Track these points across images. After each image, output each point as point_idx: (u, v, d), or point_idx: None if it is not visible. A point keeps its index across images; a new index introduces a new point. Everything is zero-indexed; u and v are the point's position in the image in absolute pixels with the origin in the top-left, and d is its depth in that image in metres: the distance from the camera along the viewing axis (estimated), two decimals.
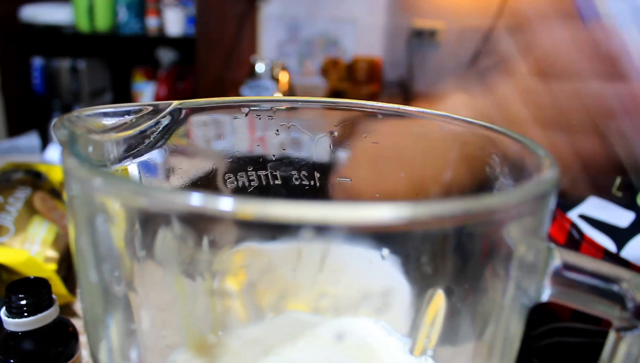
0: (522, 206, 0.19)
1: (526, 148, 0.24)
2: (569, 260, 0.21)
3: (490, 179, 0.27)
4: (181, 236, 0.19)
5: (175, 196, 0.17)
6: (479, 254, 0.21)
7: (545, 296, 0.21)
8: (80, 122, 0.25)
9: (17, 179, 0.74)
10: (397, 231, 0.17)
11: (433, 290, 0.27)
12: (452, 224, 0.18)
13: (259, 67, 2.12)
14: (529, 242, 0.20)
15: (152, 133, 0.28)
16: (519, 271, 0.21)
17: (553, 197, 0.21)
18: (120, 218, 0.20)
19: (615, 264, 0.21)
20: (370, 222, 0.16)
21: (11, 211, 0.67)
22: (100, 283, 0.22)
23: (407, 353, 0.29)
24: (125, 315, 0.23)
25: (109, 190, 0.19)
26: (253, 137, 0.33)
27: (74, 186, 0.20)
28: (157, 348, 0.27)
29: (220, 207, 0.16)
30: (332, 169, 0.34)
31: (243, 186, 0.33)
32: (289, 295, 0.21)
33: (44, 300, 0.40)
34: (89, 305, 0.23)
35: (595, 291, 0.21)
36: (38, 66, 2.25)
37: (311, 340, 0.27)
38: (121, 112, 0.27)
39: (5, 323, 0.39)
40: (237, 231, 0.17)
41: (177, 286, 0.24)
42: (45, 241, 0.66)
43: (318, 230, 0.16)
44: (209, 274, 0.20)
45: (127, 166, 0.28)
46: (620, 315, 0.21)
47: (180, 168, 0.31)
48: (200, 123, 0.31)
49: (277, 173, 0.33)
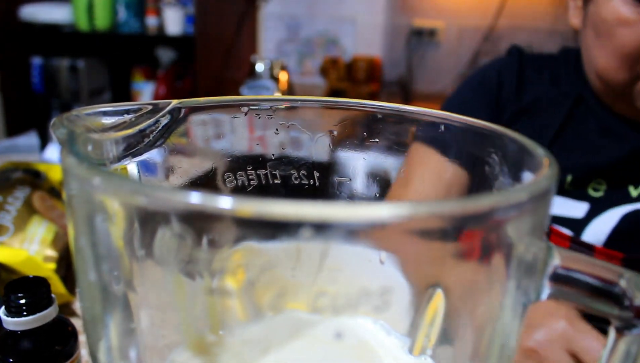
0: (521, 206, 0.19)
1: (525, 148, 0.24)
2: (568, 260, 0.21)
3: (490, 178, 0.27)
4: (180, 235, 0.19)
5: (175, 195, 0.17)
6: (478, 253, 0.21)
7: (544, 295, 0.21)
8: (80, 121, 0.25)
9: (16, 179, 0.74)
10: (396, 230, 0.17)
11: (432, 289, 0.27)
12: (451, 224, 0.18)
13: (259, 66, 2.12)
14: (528, 241, 0.20)
15: (152, 132, 0.28)
16: (518, 271, 0.21)
17: (552, 196, 0.21)
18: (119, 217, 0.19)
19: (582, 249, 0.21)
20: (369, 221, 0.16)
21: (10, 210, 0.67)
22: (99, 282, 0.22)
23: (406, 352, 0.29)
24: (125, 314, 0.23)
25: (108, 189, 0.19)
26: (252, 136, 0.33)
27: (73, 185, 0.20)
28: (157, 348, 0.27)
29: (219, 206, 0.16)
30: (331, 169, 0.34)
31: (242, 186, 0.33)
32: (288, 294, 0.21)
33: (43, 299, 0.40)
34: (88, 304, 0.23)
35: (594, 291, 0.21)
36: (37, 65, 2.25)
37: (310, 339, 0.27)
38: (120, 111, 0.27)
39: (5, 322, 0.39)
40: (236, 230, 0.17)
41: (176, 286, 0.24)
42: (44, 240, 0.66)
43: (317, 229, 0.16)
44: (208, 273, 0.20)
45: (126, 165, 0.28)
46: (619, 315, 0.21)
47: (179, 167, 0.31)
48: (199, 122, 0.31)
49: (277, 172, 0.33)
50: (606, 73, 0.60)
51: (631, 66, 0.57)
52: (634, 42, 0.55)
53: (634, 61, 0.57)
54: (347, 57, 2.31)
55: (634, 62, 0.57)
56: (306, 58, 2.43)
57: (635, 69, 0.57)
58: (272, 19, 2.39)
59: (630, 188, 0.64)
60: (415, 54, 2.26)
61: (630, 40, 0.56)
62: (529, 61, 0.73)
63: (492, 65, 0.75)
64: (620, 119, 0.65)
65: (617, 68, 0.58)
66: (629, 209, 0.63)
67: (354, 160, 0.34)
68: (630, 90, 0.59)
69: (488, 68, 0.75)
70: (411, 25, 2.24)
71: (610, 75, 0.60)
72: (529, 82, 0.71)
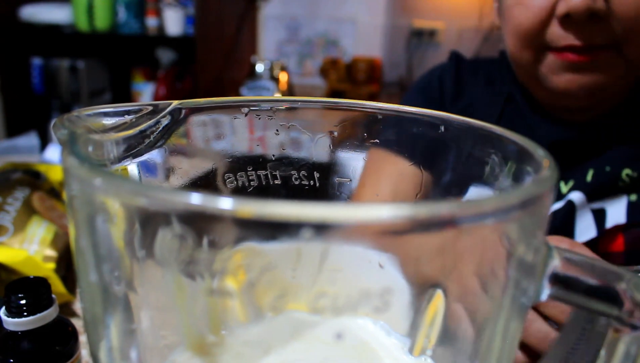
0: (521, 207, 0.19)
1: (525, 149, 0.24)
2: (567, 260, 0.21)
3: (490, 179, 0.27)
4: (181, 236, 0.19)
5: (175, 196, 0.17)
6: (478, 254, 0.21)
7: (544, 296, 0.21)
8: (80, 122, 0.25)
9: (15, 179, 0.74)
10: (396, 231, 0.17)
11: (432, 290, 0.27)
12: (450, 225, 0.18)
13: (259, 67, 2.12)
14: (528, 242, 0.20)
15: (152, 133, 0.28)
16: (518, 272, 0.21)
17: (552, 197, 0.21)
18: (120, 218, 0.20)
19: None
20: (369, 223, 0.16)
21: (10, 210, 0.67)
22: (100, 282, 0.22)
23: (406, 353, 0.30)
24: (125, 315, 0.23)
25: (109, 190, 0.19)
26: (252, 137, 0.33)
27: (74, 185, 0.20)
28: (157, 348, 0.27)
29: (220, 207, 0.16)
30: (331, 170, 0.34)
31: (243, 186, 0.33)
32: (289, 295, 0.21)
33: (43, 299, 0.40)
34: (89, 305, 0.23)
35: (594, 291, 0.21)
36: (37, 66, 2.25)
37: (310, 340, 0.27)
38: (121, 112, 0.27)
39: (5, 322, 0.39)
40: (237, 231, 0.17)
41: (176, 286, 0.24)
42: (43, 240, 0.66)
43: (317, 230, 0.16)
44: (209, 274, 0.20)
45: (127, 166, 0.28)
46: (618, 315, 0.21)
47: (180, 167, 0.31)
48: (200, 123, 0.31)
49: (277, 173, 0.33)
50: (514, 55, 0.62)
51: (531, 43, 0.59)
52: (528, 19, 0.57)
53: (532, 38, 0.58)
54: (347, 58, 2.31)
55: (532, 38, 0.58)
56: (306, 59, 2.43)
57: (535, 45, 0.59)
58: (272, 19, 2.39)
59: (562, 184, 0.64)
60: (415, 55, 2.26)
61: (525, 18, 0.58)
62: (467, 65, 0.76)
63: (434, 70, 0.78)
64: (543, 115, 0.66)
65: (521, 47, 0.60)
66: (558, 206, 0.63)
67: (354, 161, 0.34)
68: (538, 69, 0.60)
69: (430, 73, 0.78)
70: (411, 26, 2.24)
71: (517, 56, 0.62)
72: (465, 85, 0.73)
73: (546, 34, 0.57)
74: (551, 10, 0.56)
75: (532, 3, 0.57)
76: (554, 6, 0.56)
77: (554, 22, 0.57)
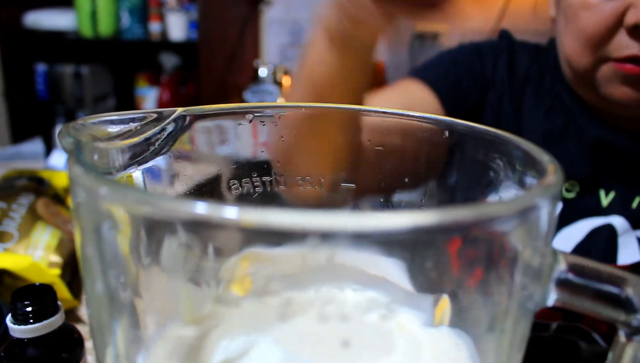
0: (526, 212, 0.19)
1: (530, 153, 0.24)
2: (574, 265, 0.21)
3: (495, 184, 0.27)
4: (186, 244, 0.19)
5: (180, 205, 0.17)
6: (484, 259, 0.21)
7: (550, 301, 0.21)
8: (86, 130, 0.25)
9: (20, 186, 0.74)
10: (402, 238, 0.17)
11: (438, 295, 0.27)
12: (457, 231, 0.18)
13: (262, 71, 2.13)
14: (534, 247, 0.20)
15: (157, 140, 0.28)
16: (524, 277, 0.20)
17: (558, 202, 0.20)
18: (125, 226, 0.20)
19: None
20: (375, 230, 0.16)
21: (15, 217, 0.67)
22: (106, 289, 0.22)
23: None
24: (132, 322, 0.23)
25: (115, 198, 0.19)
26: (257, 143, 0.33)
27: (79, 193, 0.20)
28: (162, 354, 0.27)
29: (225, 216, 0.16)
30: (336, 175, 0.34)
31: (248, 193, 0.33)
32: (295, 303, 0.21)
33: (49, 306, 0.40)
34: (95, 312, 0.23)
35: (600, 296, 0.21)
36: (41, 72, 2.26)
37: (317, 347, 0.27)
38: (126, 120, 0.27)
39: (11, 330, 0.39)
40: (242, 239, 0.17)
41: (182, 293, 0.24)
42: (48, 246, 0.66)
43: (323, 237, 0.16)
44: (215, 281, 0.20)
45: (132, 173, 0.28)
46: (626, 320, 0.21)
47: (184, 174, 0.31)
48: (204, 130, 0.31)
49: (282, 179, 0.33)
50: (572, 58, 0.61)
51: (593, 50, 0.58)
52: (595, 25, 0.56)
53: (595, 45, 0.57)
54: None
55: (595, 45, 0.57)
56: None
57: (597, 52, 0.58)
58: (275, 24, 2.40)
59: (602, 193, 0.63)
60: (418, 58, 2.26)
61: (591, 23, 0.56)
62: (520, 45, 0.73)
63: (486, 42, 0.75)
64: (590, 115, 0.65)
65: (581, 52, 0.59)
66: (597, 224, 0.62)
67: None
68: (594, 75, 0.59)
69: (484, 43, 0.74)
70: (414, 29, 2.24)
71: (575, 60, 0.60)
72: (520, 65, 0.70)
73: (610, 42, 0.56)
74: (620, 18, 0.55)
75: (600, 8, 0.55)
76: (623, 15, 0.54)
77: (620, 31, 0.55)
